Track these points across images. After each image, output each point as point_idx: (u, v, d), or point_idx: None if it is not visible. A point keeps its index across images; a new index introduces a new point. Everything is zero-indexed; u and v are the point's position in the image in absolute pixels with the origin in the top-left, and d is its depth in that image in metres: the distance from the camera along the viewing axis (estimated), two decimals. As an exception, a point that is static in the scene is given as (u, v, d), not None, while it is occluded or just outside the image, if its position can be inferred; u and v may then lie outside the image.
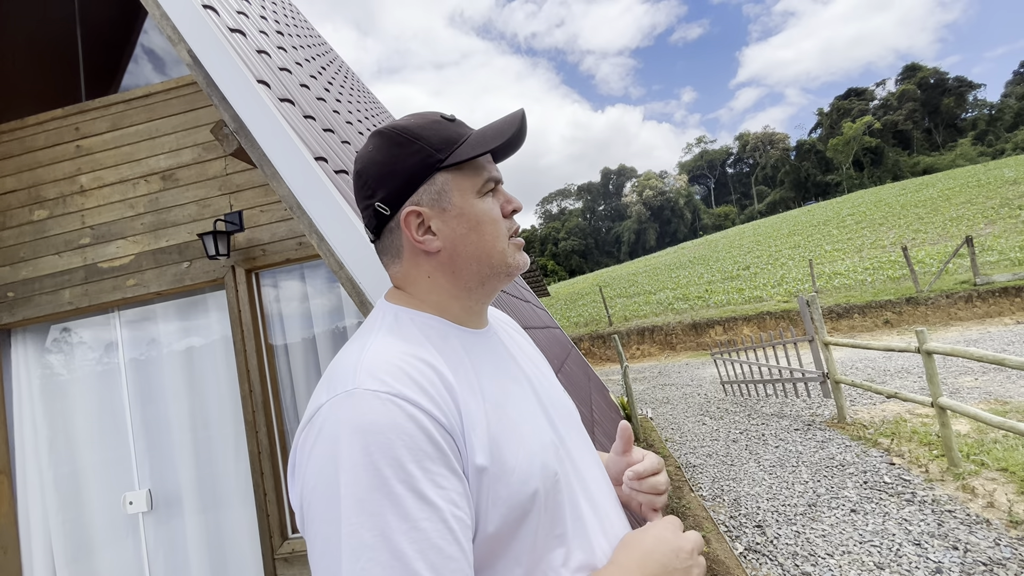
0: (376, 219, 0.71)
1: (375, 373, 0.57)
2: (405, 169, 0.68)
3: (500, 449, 0.59)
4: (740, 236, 38.40)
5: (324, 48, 6.36)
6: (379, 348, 0.62)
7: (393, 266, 0.74)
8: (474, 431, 0.58)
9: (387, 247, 0.73)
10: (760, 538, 3.76)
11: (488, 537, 0.57)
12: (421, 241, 0.69)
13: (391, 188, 0.69)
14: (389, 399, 0.54)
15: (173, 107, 3.17)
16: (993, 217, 18.96)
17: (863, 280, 14.95)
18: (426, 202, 0.69)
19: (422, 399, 0.56)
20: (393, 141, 0.70)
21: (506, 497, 0.57)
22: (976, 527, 3.34)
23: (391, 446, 0.51)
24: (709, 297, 18.01)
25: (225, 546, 2.97)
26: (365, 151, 0.73)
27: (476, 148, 0.68)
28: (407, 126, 0.70)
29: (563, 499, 0.64)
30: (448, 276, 0.71)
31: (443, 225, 0.69)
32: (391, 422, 0.53)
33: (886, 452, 4.78)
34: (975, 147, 60.75)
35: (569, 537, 0.63)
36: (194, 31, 1.89)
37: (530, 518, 0.59)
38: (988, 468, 4.04)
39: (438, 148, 0.68)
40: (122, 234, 3.15)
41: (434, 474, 0.52)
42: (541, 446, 0.64)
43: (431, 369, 0.60)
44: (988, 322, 10.81)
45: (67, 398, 3.18)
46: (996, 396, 5.83)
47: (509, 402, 0.66)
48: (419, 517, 0.49)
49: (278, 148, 1.76)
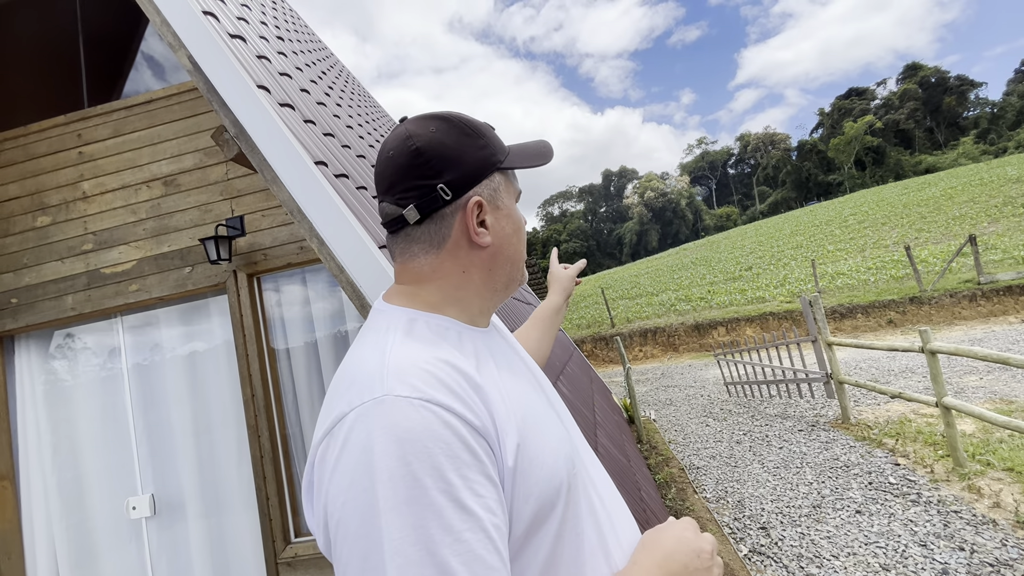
0: (433, 201, 0.67)
1: (405, 378, 0.55)
2: (474, 160, 0.68)
3: (528, 445, 0.59)
4: (742, 237, 38.33)
5: (324, 53, 6.38)
6: (403, 352, 0.59)
7: (426, 255, 0.69)
8: (505, 431, 0.57)
9: (430, 234, 0.68)
10: (764, 540, 3.74)
11: (519, 536, 0.56)
12: (478, 232, 0.68)
13: (458, 173, 0.67)
14: (423, 405, 0.52)
15: (174, 113, 3.19)
16: (996, 216, 18.89)
17: (866, 280, 14.90)
18: (487, 196, 0.69)
19: (456, 404, 0.54)
20: (461, 130, 0.69)
21: (537, 494, 0.57)
22: (982, 528, 3.32)
23: (430, 454, 0.49)
24: (712, 298, 17.98)
25: (228, 551, 2.97)
26: (425, 130, 0.69)
27: (524, 160, 0.73)
28: (471, 121, 0.71)
29: (580, 495, 0.64)
30: (484, 273, 0.71)
31: (496, 222, 0.70)
32: (427, 429, 0.51)
33: (891, 452, 4.76)
34: (977, 145, 60.57)
35: (586, 531, 0.63)
36: (194, 37, 1.90)
37: (555, 512, 0.59)
38: (994, 468, 4.01)
39: (499, 149, 0.72)
40: (124, 240, 3.16)
41: (472, 482, 0.51)
42: (559, 440, 0.65)
43: (458, 372, 0.58)
44: (992, 321, 10.76)
45: (70, 403, 3.18)
46: (1001, 395, 5.80)
47: (526, 399, 0.66)
48: (462, 528, 0.48)
49: (278, 153, 1.76)
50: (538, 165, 0.75)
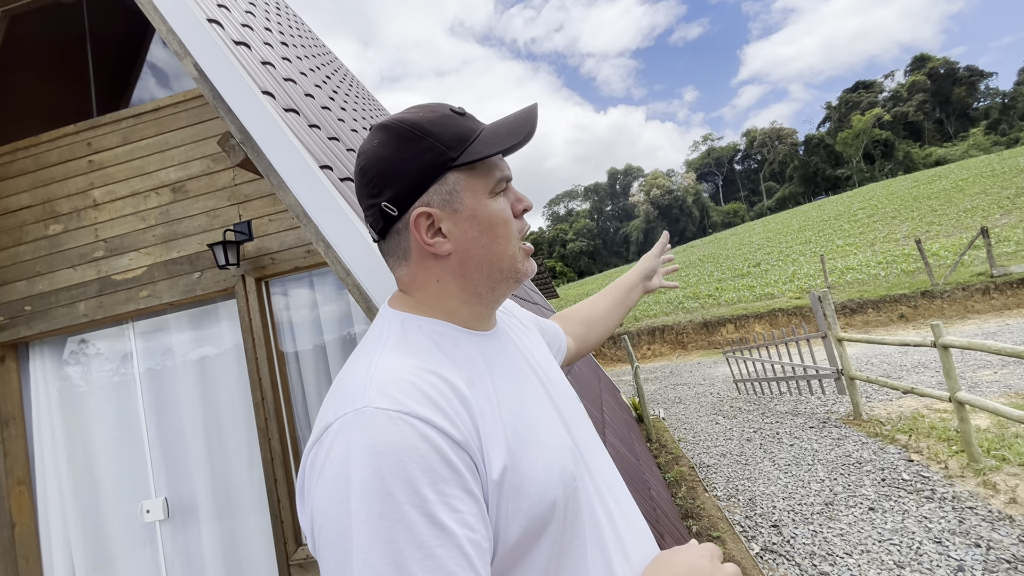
0: (382, 220, 0.66)
1: (386, 390, 0.54)
2: (415, 168, 0.64)
3: (518, 460, 0.57)
4: (750, 233, 38.05)
5: (329, 58, 6.42)
6: (389, 362, 0.59)
7: (399, 269, 0.70)
8: (492, 444, 0.56)
9: (393, 249, 0.69)
10: (776, 538, 3.72)
11: (508, 551, 0.55)
12: (431, 244, 0.65)
13: (399, 188, 0.64)
14: (401, 418, 0.52)
15: (182, 120, 3.22)
16: (1009, 207, 18.62)
17: (876, 274, 14.75)
18: (437, 203, 0.64)
19: (436, 417, 0.53)
20: (401, 137, 0.65)
21: (527, 509, 0.56)
22: (999, 524, 3.28)
23: (404, 468, 0.49)
24: (720, 295, 17.87)
25: (240, 553, 3.00)
26: (369, 146, 0.67)
27: (490, 147, 0.64)
28: (416, 121, 0.65)
29: (582, 507, 0.62)
30: (458, 280, 0.68)
31: (454, 227, 0.65)
32: (403, 443, 0.50)
33: (904, 449, 4.71)
34: (988, 136, 59.75)
35: (588, 547, 0.61)
36: (199, 45, 1.92)
37: (550, 528, 0.57)
38: (1009, 463, 3.96)
39: (449, 145, 0.64)
40: (134, 246, 3.20)
41: (449, 496, 0.50)
42: (559, 451, 0.63)
43: (444, 383, 0.58)
44: (1006, 314, 10.60)
45: (84, 409, 3.23)
46: (1016, 389, 5.72)
47: (525, 407, 0.64)
48: (433, 544, 0.47)
49: (284, 158, 1.78)
50: (511, 145, 0.64)
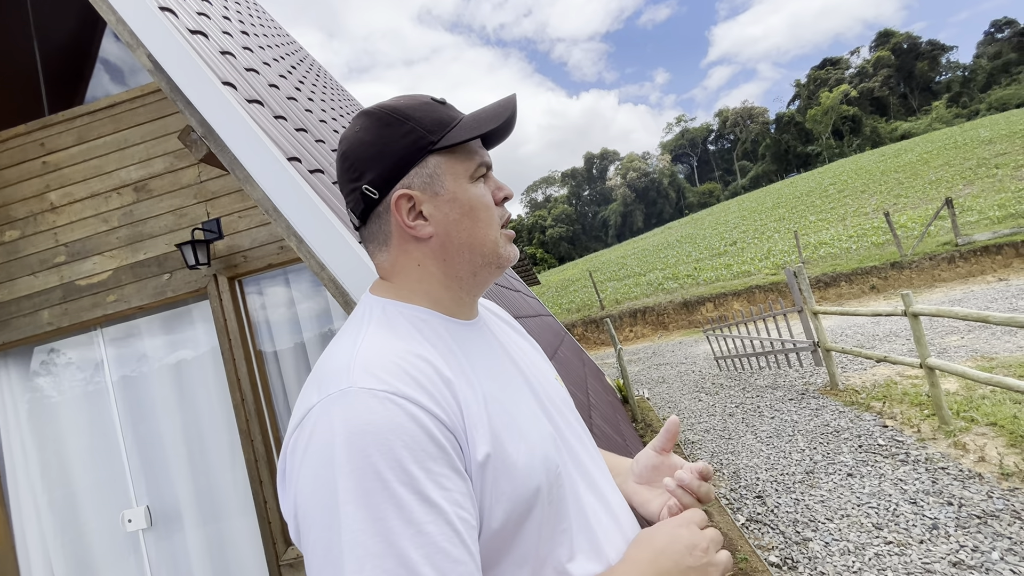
0: (363, 203, 0.67)
1: (371, 370, 0.54)
2: (395, 151, 0.65)
3: (502, 444, 0.57)
4: (725, 212, 38.62)
5: (293, 47, 6.23)
6: (372, 344, 0.59)
7: (380, 254, 0.70)
8: (475, 428, 0.56)
9: (374, 234, 0.69)
10: (761, 508, 3.82)
11: (493, 534, 0.55)
12: (412, 226, 0.65)
13: (380, 170, 0.65)
14: (387, 397, 0.51)
15: (140, 116, 3.09)
16: (971, 178, 19.23)
17: (848, 248, 15.12)
18: (417, 186, 0.65)
19: (422, 397, 0.53)
20: (382, 121, 0.66)
21: (510, 492, 0.56)
22: (969, 482, 3.42)
23: (391, 447, 0.49)
24: (698, 275, 18.14)
25: (228, 557, 2.95)
26: (351, 132, 0.68)
27: (471, 131, 0.65)
28: (397, 106, 0.67)
29: (566, 492, 0.62)
30: (439, 264, 0.68)
31: (435, 210, 0.66)
32: (390, 422, 0.50)
33: (879, 415, 4.87)
34: (950, 109, 61.42)
35: (574, 531, 0.61)
36: (152, 35, 1.83)
37: (534, 513, 0.57)
38: (978, 424, 4.12)
39: (430, 130, 0.65)
40: (98, 249, 3.08)
41: (437, 475, 0.50)
42: (540, 438, 0.62)
43: (428, 365, 0.57)
44: (971, 281, 11.00)
45: (56, 420, 3.12)
46: (982, 353, 5.95)
47: (505, 396, 0.63)
48: (424, 520, 0.47)
49: (249, 151, 1.71)
50: (492, 129, 0.66)
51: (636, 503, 0.76)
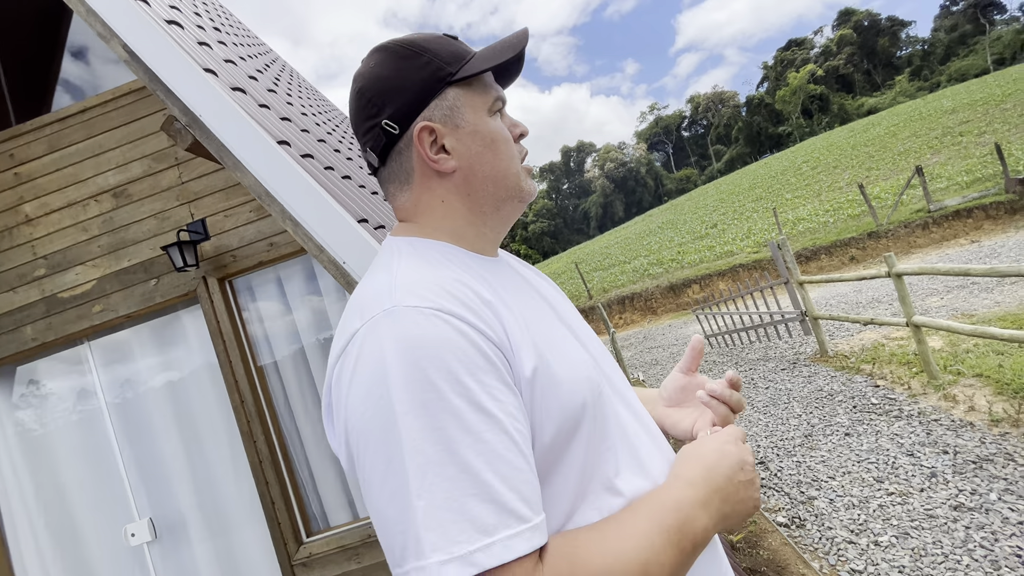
0: (384, 139, 0.65)
1: (414, 290, 0.54)
2: (414, 83, 0.63)
3: (547, 361, 0.57)
4: (704, 196, 39.08)
5: (264, 48, 6.12)
6: (409, 270, 0.58)
7: (402, 194, 0.69)
8: (520, 344, 0.56)
9: (395, 172, 0.68)
10: (764, 473, 3.88)
11: (544, 450, 0.55)
12: (435, 160, 0.64)
13: (400, 104, 0.64)
14: (434, 314, 0.51)
15: (113, 120, 3.01)
16: (938, 146, 19.73)
17: (826, 222, 15.42)
18: (439, 118, 0.64)
19: (467, 314, 0.53)
20: (398, 55, 0.65)
21: (558, 408, 0.56)
22: (962, 430, 3.52)
23: (444, 359, 0.49)
24: (682, 258, 18.33)
25: (239, 562, 2.90)
26: (366, 67, 0.67)
27: (488, 61, 0.65)
28: (413, 39, 0.66)
29: (607, 412, 0.62)
30: (463, 199, 0.67)
31: (458, 143, 0.65)
32: (439, 336, 0.50)
33: (870, 377, 4.98)
34: (913, 83, 62.97)
35: (618, 448, 0.61)
36: (126, 24, 1.77)
37: (582, 428, 0.58)
38: (964, 376, 4.24)
39: (447, 61, 0.64)
40: (79, 260, 2.99)
41: (490, 387, 0.50)
42: (580, 360, 0.63)
43: (467, 287, 0.57)
44: (945, 245, 11.30)
45: (48, 438, 3.03)
46: (962, 311, 6.12)
47: (540, 322, 0.63)
48: (482, 429, 0.47)
49: (237, 135, 1.68)
50: (507, 60, 0.66)
51: (667, 425, 0.78)
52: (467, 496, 0.45)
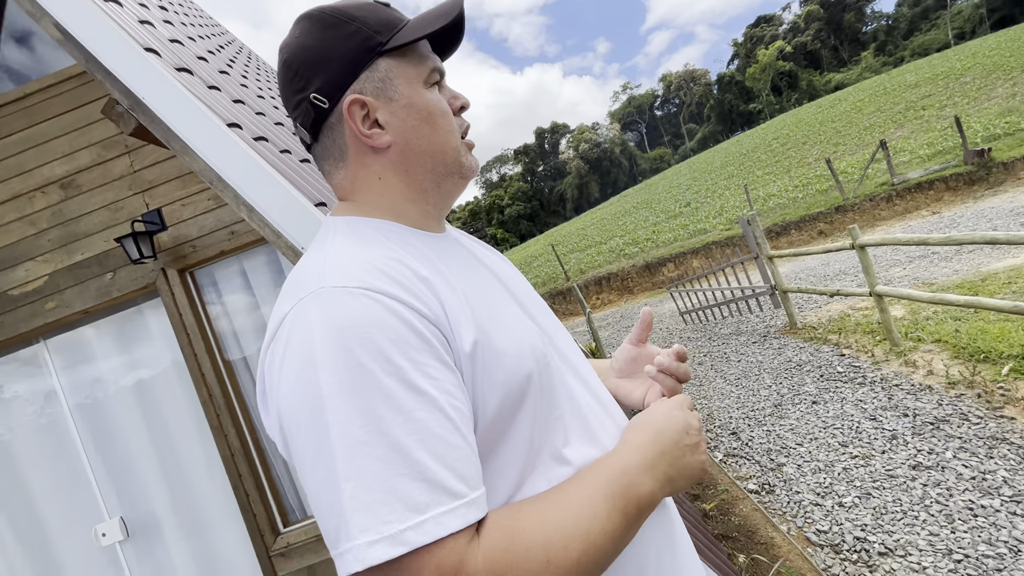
0: (313, 113, 0.62)
1: (344, 271, 0.52)
2: (342, 53, 0.60)
3: (488, 334, 0.56)
4: (677, 175, 39.44)
5: (220, 30, 5.86)
6: (341, 251, 0.56)
7: (337, 172, 0.66)
8: (458, 319, 0.54)
9: (328, 149, 0.65)
10: (736, 443, 4.00)
11: (488, 424, 0.54)
12: (368, 135, 0.61)
13: (328, 76, 0.60)
14: (363, 293, 0.49)
15: (56, 106, 2.85)
16: (901, 121, 20.24)
17: (795, 198, 15.74)
18: (370, 91, 0.61)
19: (399, 291, 0.51)
20: (324, 23, 0.61)
21: (502, 381, 0.55)
22: (920, 394, 3.67)
23: (372, 339, 0.47)
24: (657, 237, 18.53)
25: (216, 556, 2.87)
26: (291, 38, 0.63)
27: (421, 29, 0.61)
28: (338, 6, 0.62)
29: (555, 382, 0.62)
30: (401, 175, 0.64)
31: (391, 117, 0.62)
32: (368, 315, 0.48)
33: (836, 346, 5.14)
34: (878, 58, 64.22)
35: (567, 419, 0.61)
36: (59, 2, 1.66)
37: (527, 401, 0.57)
38: (924, 342, 4.42)
39: (377, 30, 0.61)
40: (28, 255, 2.85)
41: (423, 365, 0.48)
42: (526, 331, 0.62)
43: (402, 265, 0.55)
44: (908, 217, 11.66)
45: (8, 442, 2.91)
46: (923, 280, 6.35)
47: (483, 296, 0.62)
48: (413, 408, 0.46)
49: (183, 118, 1.60)
50: (442, 27, 0.61)
51: (620, 396, 0.78)
52: (398, 476, 0.44)
